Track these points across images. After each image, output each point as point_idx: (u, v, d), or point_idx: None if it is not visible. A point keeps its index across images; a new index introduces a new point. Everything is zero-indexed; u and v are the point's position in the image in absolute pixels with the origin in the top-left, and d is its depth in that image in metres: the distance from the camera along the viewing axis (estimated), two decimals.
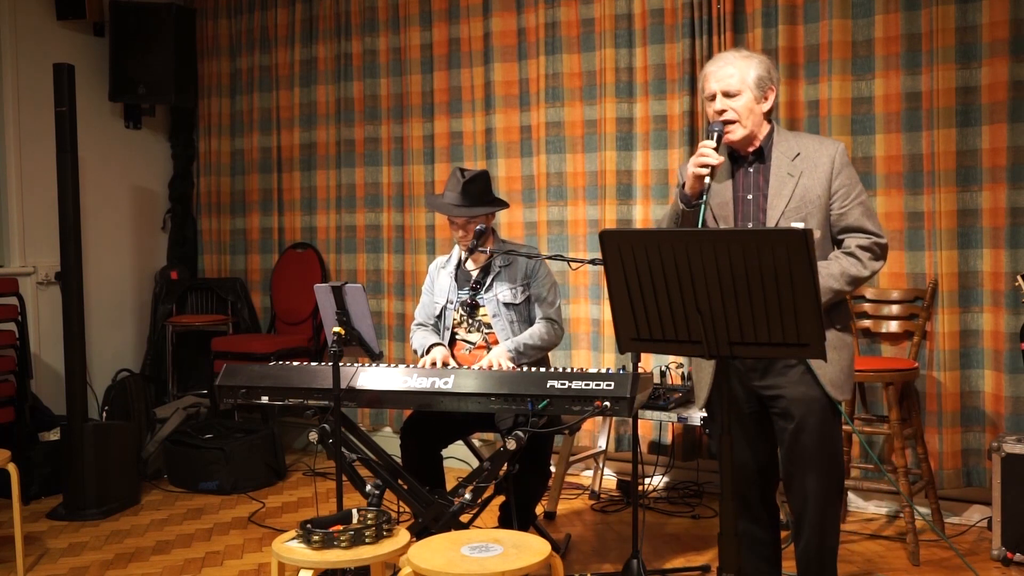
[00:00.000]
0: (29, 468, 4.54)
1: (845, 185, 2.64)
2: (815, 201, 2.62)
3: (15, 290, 4.72)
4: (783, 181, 2.64)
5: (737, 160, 2.73)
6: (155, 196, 6.08)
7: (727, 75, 2.65)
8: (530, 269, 3.55)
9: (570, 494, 4.59)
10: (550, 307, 3.54)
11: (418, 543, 2.51)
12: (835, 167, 2.64)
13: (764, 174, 2.68)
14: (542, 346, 3.47)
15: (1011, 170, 3.79)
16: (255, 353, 5.06)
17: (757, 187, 2.68)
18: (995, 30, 3.78)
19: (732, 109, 2.64)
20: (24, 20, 5.23)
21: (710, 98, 2.68)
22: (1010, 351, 3.79)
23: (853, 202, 2.65)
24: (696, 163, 2.56)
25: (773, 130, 2.71)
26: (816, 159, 2.65)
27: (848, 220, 2.65)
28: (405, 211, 5.32)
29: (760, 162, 2.70)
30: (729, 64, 2.66)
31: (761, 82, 2.66)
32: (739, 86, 2.64)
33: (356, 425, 3.45)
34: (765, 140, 2.70)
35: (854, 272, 2.62)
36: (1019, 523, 3.46)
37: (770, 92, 2.68)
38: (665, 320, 2.14)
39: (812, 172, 2.64)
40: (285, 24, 5.70)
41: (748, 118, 2.65)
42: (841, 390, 2.64)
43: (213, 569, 3.68)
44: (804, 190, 2.63)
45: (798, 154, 2.66)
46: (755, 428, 2.74)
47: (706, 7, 4.34)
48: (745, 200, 2.69)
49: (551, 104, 4.81)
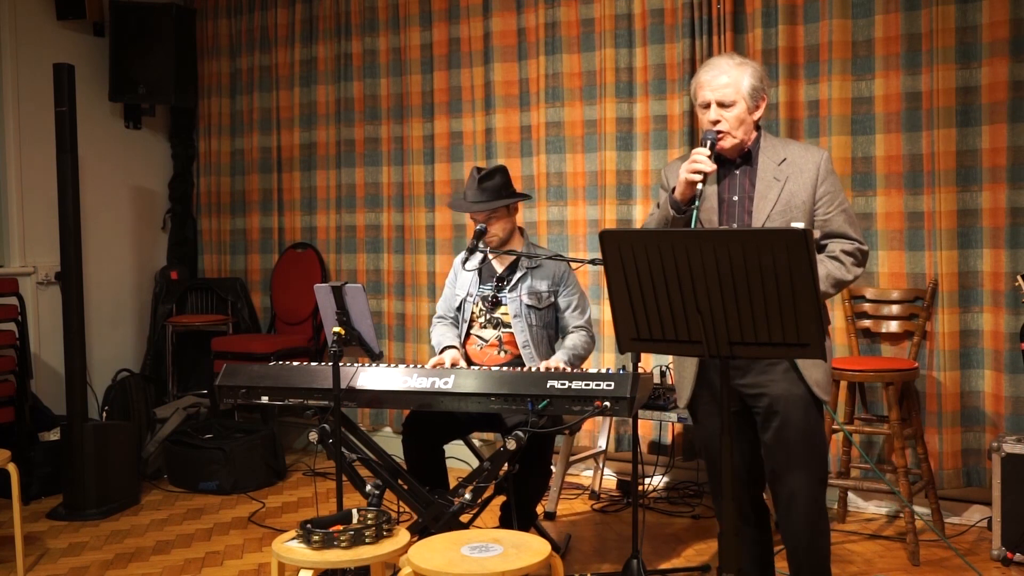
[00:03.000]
0: (29, 468, 4.54)
1: (830, 192, 2.68)
2: (800, 206, 2.65)
3: (15, 290, 4.72)
4: (769, 185, 2.67)
5: (723, 163, 2.75)
6: (155, 196, 6.08)
7: (722, 85, 2.66)
8: (559, 276, 3.56)
9: (570, 494, 4.59)
10: (582, 315, 3.57)
11: (418, 543, 2.51)
12: (820, 174, 2.67)
13: (750, 177, 2.71)
14: (585, 355, 3.53)
15: (1011, 170, 3.79)
16: (255, 353, 5.06)
17: (743, 189, 2.71)
18: (995, 30, 3.78)
19: (725, 119, 2.66)
20: (24, 20, 5.23)
21: (704, 106, 2.70)
22: (1010, 351, 3.79)
23: (837, 208, 2.68)
24: (690, 170, 2.57)
25: (760, 135, 2.75)
26: (802, 165, 2.68)
27: (832, 226, 2.68)
28: (405, 211, 5.32)
29: (747, 165, 2.72)
30: (724, 73, 2.67)
31: (755, 92, 2.68)
32: (734, 96, 2.65)
33: (356, 425, 3.45)
34: (753, 145, 2.73)
35: (839, 275, 2.65)
36: (1019, 523, 3.46)
37: (762, 101, 2.71)
38: (665, 320, 2.14)
39: (798, 177, 2.67)
40: (285, 24, 5.70)
41: (740, 128, 2.67)
42: (825, 390, 2.67)
43: (213, 569, 3.68)
44: (789, 195, 2.66)
45: (784, 159, 2.69)
46: (738, 428, 2.74)
47: (706, 7, 4.34)
48: (730, 202, 2.71)
49: (551, 104, 4.81)
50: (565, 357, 3.41)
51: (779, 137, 2.84)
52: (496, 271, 3.61)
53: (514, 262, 3.58)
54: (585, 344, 3.52)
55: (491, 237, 3.50)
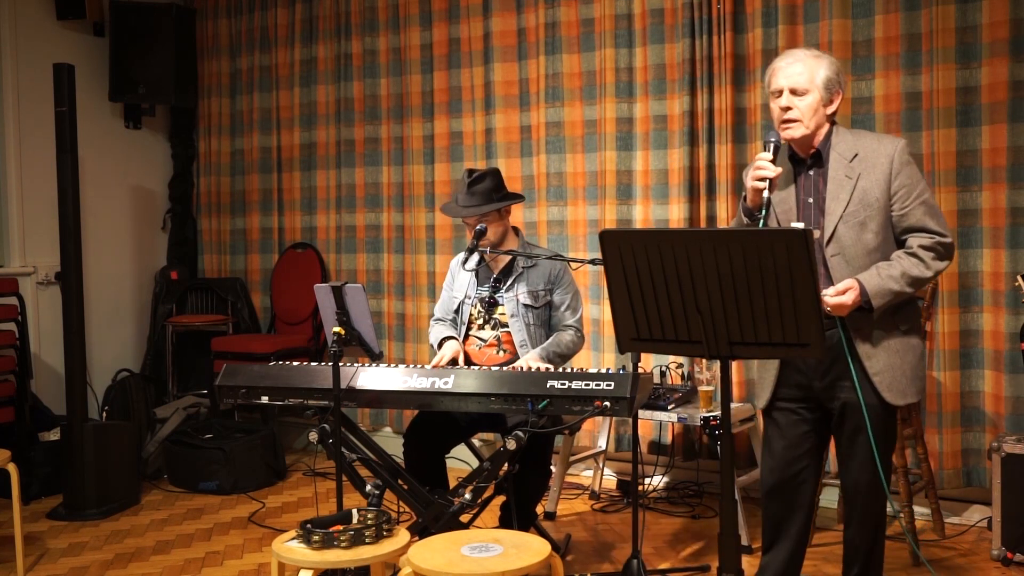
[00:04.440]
0: (29, 468, 4.54)
1: (905, 185, 2.58)
2: (874, 204, 2.58)
3: (15, 290, 4.72)
4: (840, 184, 2.60)
5: (798, 163, 2.70)
6: (155, 196, 6.08)
7: (796, 72, 2.61)
8: (555, 274, 3.55)
9: (570, 494, 4.59)
10: (574, 315, 3.56)
11: (418, 543, 2.51)
12: (894, 167, 2.58)
13: (823, 177, 2.64)
14: (567, 354, 3.51)
15: (1011, 170, 3.79)
16: (255, 353, 5.06)
17: (816, 190, 2.64)
18: (995, 30, 3.78)
19: (797, 107, 2.61)
20: (24, 20, 5.23)
21: (776, 93, 2.64)
22: (1010, 351, 3.79)
23: (915, 201, 2.59)
24: (754, 176, 2.55)
25: (832, 131, 2.67)
26: (874, 159, 2.60)
27: (910, 220, 2.59)
28: (405, 211, 5.32)
29: (818, 165, 2.66)
30: (799, 62, 2.63)
31: (829, 83, 2.63)
32: (807, 85, 2.60)
33: (356, 425, 3.45)
34: (823, 142, 2.66)
35: (916, 273, 2.56)
36: (1019, 523, 3.46)
37: (837, 95, 2.65)
38: (665, 320, 2.14)
39: (870, 173, 2.59)
40: (285, 24, 5.70)
41: (811, 118, 2.61)
42: (902, 394, 2.61)
43: (213, 569, 3.68)
44: (863, 193, 2.58)
45: (856, 155, 2.62)
46: (808, 427, 2.73)
47: (706, 7, 4.34)
48: (807, 204, 2.65)
49: (551, 104, 4.81)
50: (543, 354, 3.40)
51: (853, 129, 2.77)
52: (492, 272, 3.61)
53: (510, 263, 3.58)
54: (570, 343, 3.50)
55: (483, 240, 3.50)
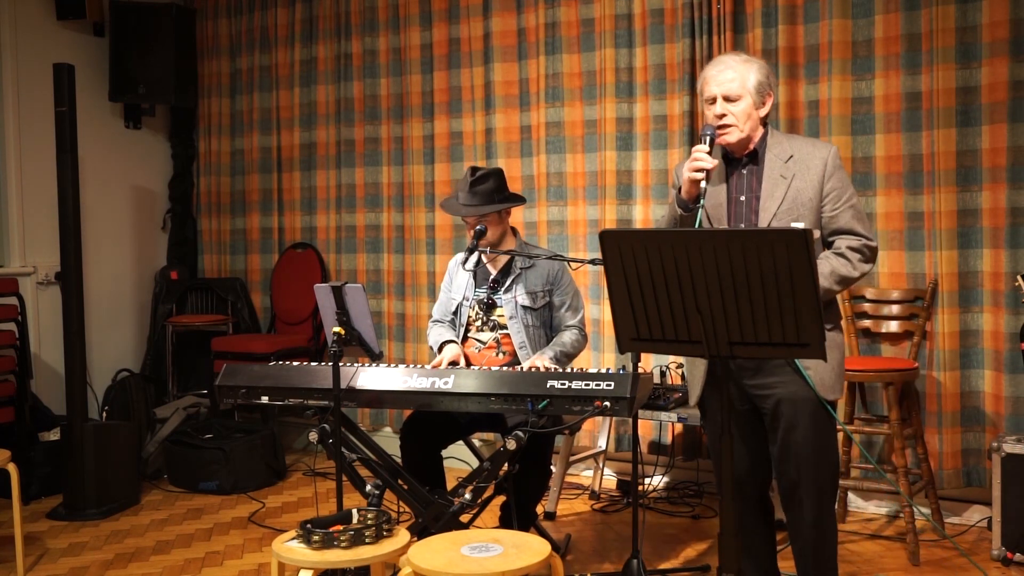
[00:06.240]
0: (29, 468, 4.54)
1: (837, 188, 2.66)
2: (807, 203, 2.65)
3: (15, 290, 4.72)
4: (776, 183, 2.67)
5: (731, 162, 2.76)
6: (155, 196, 6.08)
7: (727, 79, 2.67)
8: (553, 275, 3.54)
9: (570, 494, 4.59)
10: (576, 314, 3.57)
11: (418, 543, 2.51)
12: (827, 170, 2.66)
13: (757, 176, 2.71)
14: (573, 354, 3.52)
15: (1011, 170, 3.79)
16: (255, 353, 5.06)
17: (750, 189, 2.71)
18: (995, 30, 3.78)
19: (731, 113, 2.67)
20: (24, 20, 5.23)
21: (710, 101, 2.70)
22: (1010, 351, 3.79)
23: (844, 205, 2.66)
24: (691, 167, 2.59)
25: (767, 133, 2.74)
26: (809, 162, 2.67)
27: (839, 222, 2.67)
28: (405, 211, 5.32)
29: (754, 164, 2.72)
30: (729, 68, 2.68)
31: (760, 87, 2.69)
32: (739, 91, 2.66)
33: (356, 425, 3.45)
34: (759, 143, 2.73)
35: (844, 272, 2.63)
36: (1019, 523, 3.46)
37: (768, 97, 2.71)
38: (665, 320, 2.14)
39: (804, 175, 2.66)
40: (285, 24, 5.70)
41: (746, 122, 2.67)
42: (831, 390, 2.65)
43: (213, 569, 3.68)
44: (796, 192, 2.65)
45: (791, 156, 2.69)
46: (747, 426, 2.76)
47: (706, 7, 4.34)
48: (738, 201, 2.72)
49: (551, 104, 4.81)
50: (552, 354, 3.40)
51: (787, 133, 2.83)
52: (490, 273, 3.60)
53: (508, 264, 3.58)
54: (575, 343, 3.51)
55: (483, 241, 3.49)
